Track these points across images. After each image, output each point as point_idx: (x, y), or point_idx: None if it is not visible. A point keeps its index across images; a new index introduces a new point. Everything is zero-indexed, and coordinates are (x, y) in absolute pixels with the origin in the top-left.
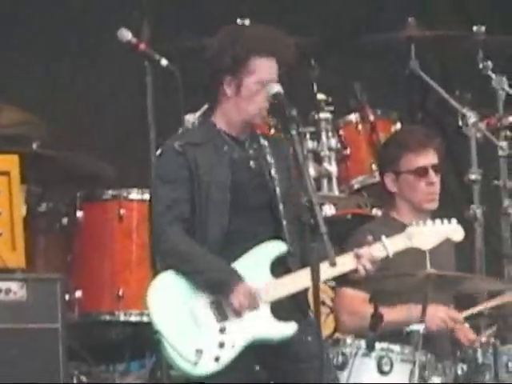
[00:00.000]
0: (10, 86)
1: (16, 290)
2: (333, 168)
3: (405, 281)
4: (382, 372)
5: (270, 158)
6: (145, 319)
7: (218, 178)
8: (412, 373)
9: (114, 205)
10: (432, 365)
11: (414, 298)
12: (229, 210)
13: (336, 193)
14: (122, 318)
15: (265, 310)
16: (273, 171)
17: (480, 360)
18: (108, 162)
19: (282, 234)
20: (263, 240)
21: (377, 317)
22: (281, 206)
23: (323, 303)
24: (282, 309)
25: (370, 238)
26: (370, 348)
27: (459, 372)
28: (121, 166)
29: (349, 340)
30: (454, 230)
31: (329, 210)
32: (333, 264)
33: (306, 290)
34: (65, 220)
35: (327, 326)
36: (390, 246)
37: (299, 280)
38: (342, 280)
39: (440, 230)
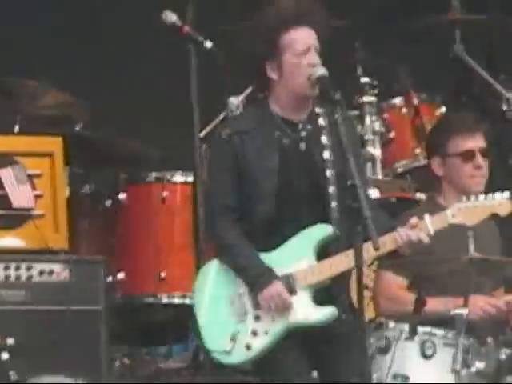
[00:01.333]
0: (54, 68)
1: (59, 271)
2: (377, 151)
3: (447, 265)
4: (425, 356)
5: (325, 139)
6: (187, 301)
7: (266, 165)
8: (455, 357)
9: (157, 187)
10: (475, 349)
11: (456, 282)
12: (276, 196)
13: (380, 176)
14: (165, 300)
15: (303, 295)
16: (326, 153)
17: None
18: (151, 145)
19: (330, 215)
20: (311, 223)
21: (420, 301)
22: (331, 189)
23: (366, 287)
24: (323, 293)
25: (413, 220)
26: (413, 332)
27: (502, 356)
28: (164, 149)
29: (391, 324)
30: (501, 204)
31: (373, 193)
32: (376, 248)
33: (346, 275)
34: (108, 202)
35: (370, 310)
36: (431, 224)
37: (336, 264)
38: (384, 263)
39: (485, 204)
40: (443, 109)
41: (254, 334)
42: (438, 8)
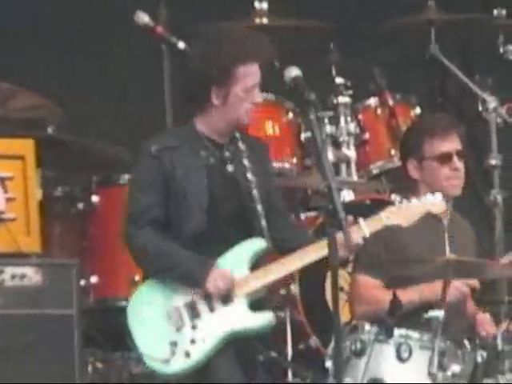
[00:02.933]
0: (25, 71)
1: (31, 275)
2: (351, 153)
3: (423, 267)
4: (400, 359)
5: (246, 162)
6: None
7: (194, 183)
8: (431, 360)
9: None
10: (451, 352)
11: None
12: (206, 214)
13: (355, 178)
14: None
15: (240, 304)
16: (249, 174)
17: (500, 347)
18: (124, 147)
19: (259, 234)
20: (237, 240)
21: (396, 303)
22: (259, 207)
23: (341, 289)
24: (259, 301)
25: (348, 218)
26: (389, 335)
27: (479, 359)
28: (137, 151)
29: (367, 326)
30: (433, 204)
31: (347, 195)
32: (350, 250)
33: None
34: (80, 205)
35: (345, 313)
36: (367, 227)
37: (270, 272)
38: (359, 266)
39: (420, 204)
40: (418, 109)
41: (193, 342)
42: (413, 8)
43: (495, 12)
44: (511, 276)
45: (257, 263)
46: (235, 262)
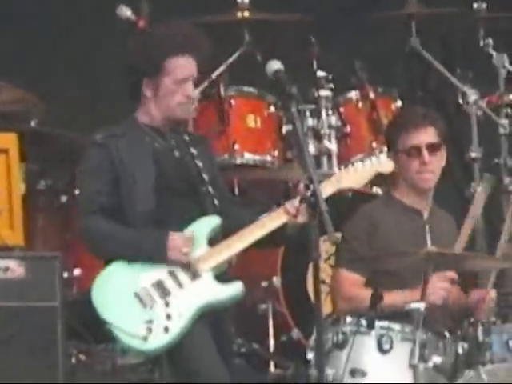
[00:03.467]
0: (8, 64)
1: (14, 267)
2: (333, 146)
3: (405, 260)
4: (382, 351)
5: (193, 150)
6: None
7: (142, 167)
8: (412, 351)
9: None
10: (432, 343)
11: (413, 277)
12: (155, 197)
13: (336, 171)
14: None
15: (207, 277)
16: (197, 161)
17: (481, 338)
18: None
19: (216, 210)
20: (192, 220)
21: (377, 295)
22: (210, 189)
23: (323, 282)
24: (223, 273)
25: (301, 185)
26: (370, 326)
27: (460, 350)
28: None
29: (349, 319)
30: (381, 163)
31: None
32: (333, 242)
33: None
34: (63, 198)
35: (327, 305)
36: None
37: (232, 245)
38: (339, 260)
39: (367, 164)
40: (399, 103)
41: (169, 317)
42: (394, 2)
43: (475, 5)
44: (490, 268)
45: (214, 240)
46: (195, 240)
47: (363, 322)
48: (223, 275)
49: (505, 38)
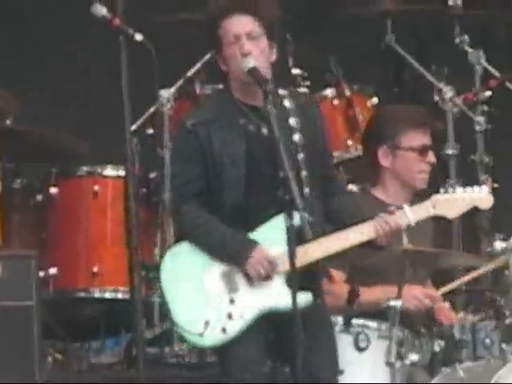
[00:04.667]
0: None
1: None
2: None
3: (381, 257)
4: (358, 348)
5: (293, 122)
6: (119, 296)
7: (232, 154)
8: (389, 349)
9: (88, 181)
10: (409, 341)
11: (390, 274)
12: (244, 184)
13: None
14: (97, 294)
15: (278, 281)
16: (296, 136)
17: (457, 336)
18: (82, 138)
19: (303, 201)
20: (277, 212)
21: (353, 292)
22: (303, 173)
23: None
24: (297, 279)
25: (392, 207)
26: (347, 324)
27: (436, 348)
28: (95, 142)
29: None
30: (482, 198)
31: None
32: (308, 240)
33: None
34: (39, 196)
35: None
36: (412, 214)
37: (311, 252)
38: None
39: (467, 197)
40: (375, 100)
41: (230, 317)
42: None
43: (451, 2)
44: (467, 265)
45: (296, 237)
46: (272, 237)
47: (340, 319)
48: (294, 281)
49: (480, 35)
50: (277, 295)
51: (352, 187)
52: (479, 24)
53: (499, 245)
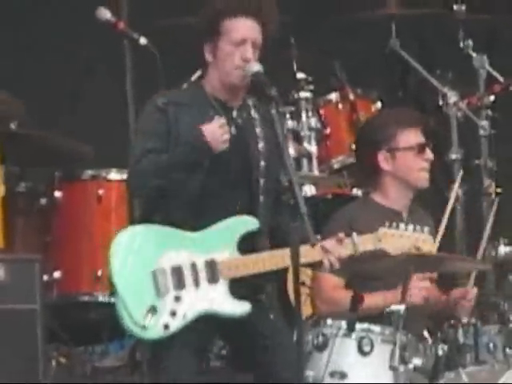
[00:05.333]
0: None
1: None
2: (313, 148)
3: (385, 262)
4: (362, 352)
5: (259, 132)
6: None
7: (198, 139)
8: (393, 353)
9: (92, 185)
10: (413, 345)
11: (392, 278)
12: (205, 173)
13: (316, 173)
14: (101, 298)
15: (222, 286)
16: (260, 145)
17: (461, 341)
18: (86, 142)
19: (257, 208)
20: (236, 209)
21: (357, 298)
22: (262, 181)
23: (303, 284)
24: (240, 287)
25: (341, 234)
26: (351, 328)
27: (440, 353)
28: (99, 146)
29: (329, 321)
30: (423, 241)
31: (309, 190)
32: (313, 244)
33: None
34: (43, 200)
35: (307, 307)
36: (360, 245)
37: (262, 262)
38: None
39: (411, 236)
40: (379, 104)
41: (173, 314)
42: (374, 2)
43: (455, 7)
44: (470, 269)
45: (245, 243)
46: (225, 239)
47: (343, 324)
48: (237, 288)
49: (484, 40)
50: (219, 300)
51: (356, 192)
52: (483, 28)
53: (503, 249)
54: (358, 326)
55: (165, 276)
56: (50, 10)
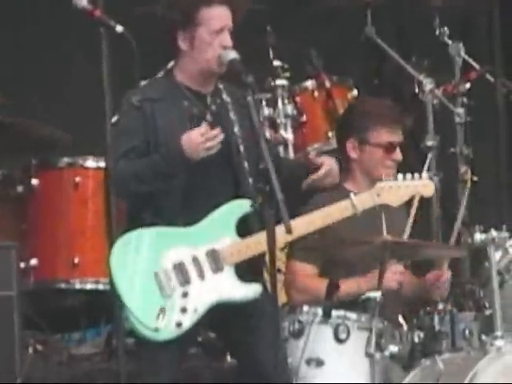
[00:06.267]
0: None
1: None
2: (289, 135)
3: (360, 248)
4: (338, 340)
5: (232, 115)
6: (100, 287)
7: (176, 134)
8: (369, 340)
9: (69, 172)
10: (389, 332)
11: (365, 265)
12: (186, 168)
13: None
14: (78, 285)
15: (229, 272)
16: (236, 128)
17: (437, 327)
18: (63, 129)
19: (245, 191)
20: (223, 197)
21: (333, 285)
22: (245, 164)
23: (279, 270)
24: (245, 270)
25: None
26: (327, 315)
27: (416, 340)
28: (76, 134)
29: (305, 308)
30: (424, 186)
31: None
32: (289, 231)
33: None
34: (20, 188)
35: (283, 294)
36: (359, 203)
37: (263, 241)
38: (293, 251)
39: (410, 185)
40: (355, 91)
41: (184, 311)
42: None
43: None
44: (446, 257)
45: (243, 227)
46: (223, 226)
47: (320, 311)
48: (244, 271)
49: (460, 27)
50: (228, 287)
51: None
52: (459, 16)
53: (479, 237)
54: (334, 313)
55: (168, 275)
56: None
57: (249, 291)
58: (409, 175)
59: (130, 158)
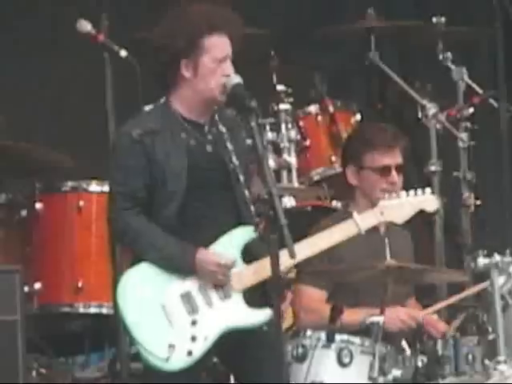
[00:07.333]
0: None
1: None
2: (292, 159)
3: (364, 273)
4: (341, 364)
5: (229, 145)
6: (104, 311)
7: (174, 167)
8: (372, 365)
9: (73, 197)
10: (392, 357)
11: (373, 292)
12: (183, 198)
13: (296, 184)
14: (82, 309)
15: (237, 298)
16: (234, 158)
17: (440, 352)
18: (67, 154)
19: (246, 219)
20: (226, 225)
21: (337, 309)
22: (247, 192)
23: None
24: (253, 295)
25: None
26: (330, 340)
27: (419, 364)
28: (80, 158)
29: (309, 332)
30: (427, 201)
31: (288, 201)
32: (292, 256)
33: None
34: (24, 212)
35: (287, 318)
36: (362, 222)
37: (268, 267)
38: (302, 276)
39: (413, 201)
40: (359, 116)
41: (194, 339)
42: (353, 15)
43: (434, 19)
44: (449, 281)
45: (246, 253)
46: (228, 253)
47: (323, 335)
48: (252, 297)
49: (463, 52)
50: (238, 314)
51: (336, 204)
52: (462, 41)
53: (482, 261)
54: (338, 337)
55: (175, 306)
56: (33, 21)
57: (259, 316)
58: (412, 191)
59: (137, 212)
